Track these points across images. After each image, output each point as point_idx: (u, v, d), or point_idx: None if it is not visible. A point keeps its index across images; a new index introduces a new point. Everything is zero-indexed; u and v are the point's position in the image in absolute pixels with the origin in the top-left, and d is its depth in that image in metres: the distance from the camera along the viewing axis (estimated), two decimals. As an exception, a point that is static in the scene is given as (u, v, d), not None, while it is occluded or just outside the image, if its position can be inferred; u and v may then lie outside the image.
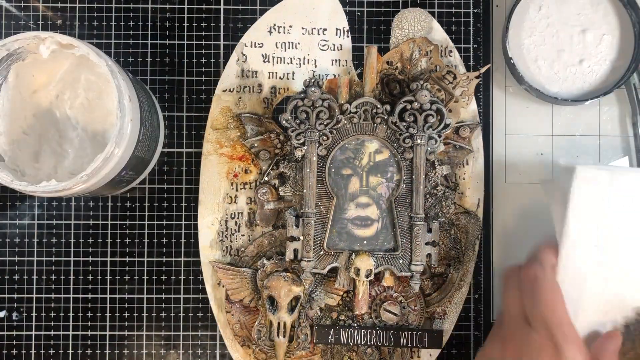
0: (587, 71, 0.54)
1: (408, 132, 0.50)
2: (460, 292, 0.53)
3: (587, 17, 0.54)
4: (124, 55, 0.55)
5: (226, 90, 0.53)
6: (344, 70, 0.54)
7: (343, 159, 0.51)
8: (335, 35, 0.54)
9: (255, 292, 0.52)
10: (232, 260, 0.53)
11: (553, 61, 0.54)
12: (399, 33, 0.54)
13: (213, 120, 0.53)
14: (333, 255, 0.51)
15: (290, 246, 0.51)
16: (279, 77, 0.54)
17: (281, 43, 0.54)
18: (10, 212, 0.55)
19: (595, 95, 0.53)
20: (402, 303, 0.52)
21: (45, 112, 0.48)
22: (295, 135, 0.50)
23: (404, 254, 0.51)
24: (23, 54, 0.46)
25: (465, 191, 0.54)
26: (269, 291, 0.51)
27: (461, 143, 0.53)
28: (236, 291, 0.52)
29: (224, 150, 0.53)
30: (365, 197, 0.51)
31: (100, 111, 0.48)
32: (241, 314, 0.53)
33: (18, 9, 0.55)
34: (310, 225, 0.50)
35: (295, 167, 0.52)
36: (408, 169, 0.51)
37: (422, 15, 0.54)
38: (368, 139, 0.51)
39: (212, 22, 0.55)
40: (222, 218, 0.53)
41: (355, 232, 0.51)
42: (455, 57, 0.54)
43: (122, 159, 0.45)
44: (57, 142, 0.49)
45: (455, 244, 0.53)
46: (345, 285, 0.51)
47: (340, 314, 0.53)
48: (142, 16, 0.55)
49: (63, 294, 0.55)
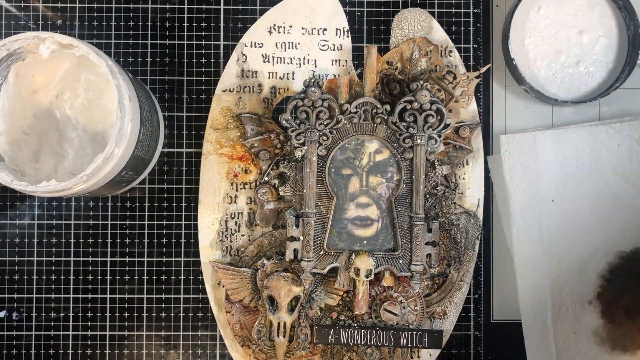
0: (583, 72, 0.55)
1: (408, 132, 0.50)
2: (460, 292, 0.53)
3: (584, 19, 0.54)
4: (124, 55, 0.55)
5: (226, 90, 0.53)
6: (344, 70, 0.54)
7: (343, 158, 0.51)
8: (335, 35, 0.54)
9: (255, 292, 0.52)
10: (232, 260, 0.53)
11: (551, 62, 0.55)
12: (399, 33, 0.54)
13: (213, 120, 0.53)
14: (333, 255, 0.51)
15: (290, 246, 0.51)
16: (279, 77, 0.54)
17: (281, 43, 0.54)
18: (10, 212, 0.55)
19: (592, 97, 0.54)
20: (402, 303, 0.52)
21: (45, 112, 0.48)
22: (295, 135, 0.50)
23: (404, 254, 0.51)
24: (23, 54, 0.46)
25: (465, 191, 0.54)
26: (269, 291, 0.51)
27: (461, 143, 0.53)
28: (236, 291, 0.52)
29: (224, 150, 0.53)
30: (365, 197, 0.51)
31: (100, 111, 0.48)
32: (241, 314, 0.52)
33: (18, 9, 0.55)
34: (310, 226, 0.50)
35: (295, 167, 0.52)
36: (408, 169, 0.51)
37: (422, 15, 0.54)
38: (368, 139, 0.51)
39: (212, 22, 0.55)
40: (222, 218, 0.53)
41: (355, 232, 0.51)
42: (455, 57, 0.54)
43: (122, 159, 0.45)
44: (57, 142, 0.48)
45: (455, 244, 0.53)
46: (345, 285, 0.51)
47: (340, 314, 0.53)
48: (142, 16, 0.55)
49: (63, 294, 0.55)
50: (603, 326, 0.51)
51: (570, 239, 0.52)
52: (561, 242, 0.52)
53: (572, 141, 0.53)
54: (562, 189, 0.52)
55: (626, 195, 0.51)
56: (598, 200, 0.52)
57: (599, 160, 0.52)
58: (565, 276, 0.52)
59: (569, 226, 0.52)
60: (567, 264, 0.52)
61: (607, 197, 0.52)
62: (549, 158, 0.52)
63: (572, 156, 0.52)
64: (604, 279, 0.52)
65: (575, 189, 0.52)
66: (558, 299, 0.52)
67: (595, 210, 0.52)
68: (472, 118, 0.54)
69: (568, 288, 0.52)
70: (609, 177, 0.52)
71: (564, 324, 0.52)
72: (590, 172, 0.52)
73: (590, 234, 0.52)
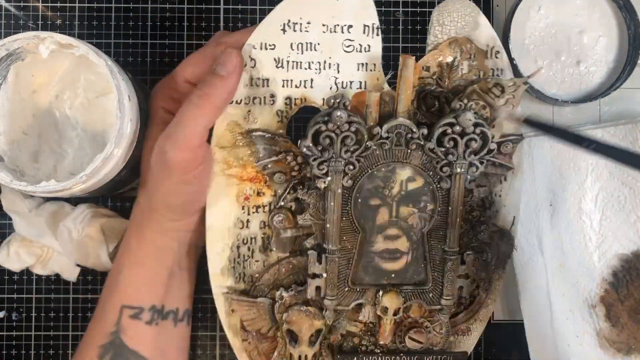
0: (584, 72, 0.55)
1: (447, 160, 0.44)
2: (487, 309, 0.51)
3: (584, 18, 0.54)
4: (123, 55, 0.55)
5: (232, 102, 0.45)
6: (372, 77, 0.45)
7: (371, 187, 0.45)
8: (363, 33, 0.44)
9: (273, 322, 0.49)
10: (246, 287, 0.49)
11: (552, 62, 0.54)
12: (438, 30, 0.45)
13: (219, 138, 0.46)
14: (359, 292, 0.47)
15: (312, 283, 0.46)
16: (294, 85, 0.45)
17: (297, 44, 0.44)
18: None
19: (593, 97, 0.54)
20: (428, 328, 0.50)
21: (45, 112, 0.48)
22: (317, 164, 0.43)
23: (435, 287, 0.47)
24: (22, 54, 0.45)
25: (500, 209, 0.49)
26: (288, 326, 0.48)
27: (502, 160, 0.47)
28: (253, 322, 0.48)
29: (233, 171, 0.46)
30: (395, 228, 0.46)
31: (99, 111, 0.48)
32: (258, 341, 0.50)
33: (18, 8, 0.54)
34: (334, 263, 0.46)
35: (315, 194, 0.45)
36: (444, 199, 0.45)
37: (467, 8, 0.45)
38: (400, 165, 0.45)
39: (212, 22, 0.53)
40: (234, 244, 0.48)
41: (383, 266, 0.47)
42: (502, 59, 0.46)
43: (121, 159, 0.44)
44: (56, 142, 0.48)
45: (486, 265, 0.49)
46: (370, 318, 0.48)
47: (363, 339, 0.50)
48: (141, 16, 0.55)
49: (63, 294, 0.55)
50: (607, 329, 0.52)
51: (569, 243, 0.52)
52: (561, 247, 0.52)
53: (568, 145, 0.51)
54: (559, 194, 0.52)
55: (624, 198, 0.51)
56: (596, 204, 0.52)
57: (596, 164, 0.51)
58: (566, 281, 0.52)
59: (568, 231, 0.52)
60: (568, 269, 0.52)
61: (606, 200, 0.52)
62: (545, 163, 0.52)
63: (569, 159, 0.52)
64: (607, 282, 0.52)
65: (572, 193, 0.52)
66: (560, 303, 0.52)
67: (593, 214, 0.52)
68: (515, 130, 0.47)
69: (570, 292, 0.52)
70: (607, 181, 0.51)
71: (568, 328, 0.52)
72: (587, 176, 0.51)
73: (590, 237, 0.52)
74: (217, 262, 0.48)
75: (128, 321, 0.46)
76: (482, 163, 0.45)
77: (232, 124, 0.45)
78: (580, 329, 0.52)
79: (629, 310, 0.52)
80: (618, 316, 0.52)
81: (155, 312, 0.47)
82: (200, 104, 0.42)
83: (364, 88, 0.45)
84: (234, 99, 0.45)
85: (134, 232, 0.47)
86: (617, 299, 0.51)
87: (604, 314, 0.52)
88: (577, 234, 0.51)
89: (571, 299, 0.52)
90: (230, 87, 0.43)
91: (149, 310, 0.47)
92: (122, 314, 0.46)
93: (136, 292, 0.47)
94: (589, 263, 0.51)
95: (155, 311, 0.47)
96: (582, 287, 0.52)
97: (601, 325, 0.52)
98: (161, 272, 0.47)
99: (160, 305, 0.47)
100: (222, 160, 0.46)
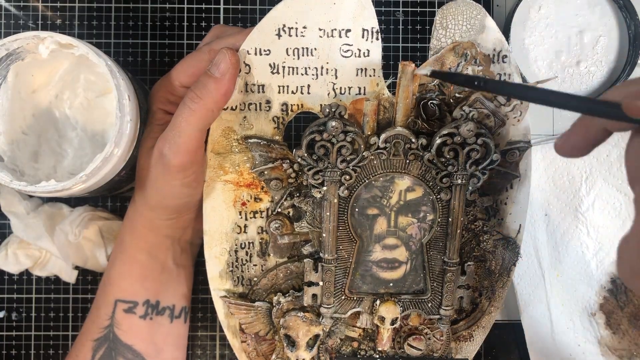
0: (584, 72, 0.54)
1: (447, 170, 0.42)
2: (490, 316, 0.50)
3: (585, 18, 0.54)
4: (123, 55, 0.54)
5: (227, 108, 0.44)
6: (371, 82, 0.44)
7: (369, 197, 0.44)
8: (362, 37, 0.43)
9: (271, 325, 0.49)
10: (245, 291, 0.49)
11: (552, 62, 0.54)
12: (442, 34, 0.43)
13: (214, 144, 0.45)
14: (356, 301, 0.46)
15: (309, 291, 0.46)
16: (291, 91, 0.44)
17: (293, 49, 0.43)
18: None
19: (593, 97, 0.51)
20: (427, 334, 0.49)
21: (45, 112, 0.48)
22: (312, 174, 0.42)
23: (434, 297, 0.46)
24: (22, 54, 0.45)
25: (505, 217, 0.47)
26: (286, 330, 0.48)
27: (507, 169, 0.45)
28: (251, 325, 0.49)
29: (229, 177, 0.46)
30: (393, 238, 0.45)
31: (99, 111, 0.48)
32: (257, 342, 0.50)
33: (18, 8, 0.54)
34: (330, 272, 0.45)
35: (312, 202, 0.45)
36: (444, 209, 0.44)
37: (473, 11, 0.42)
38: (399, 175, 0.43)
39: (212, 22, 0.53)
40: (232, 248, 0.48)
41: (381, 275, 0.46)
42: (510, 63, 0.43)
43: (121, 159, 0.44)
44: (56, 142, 0.48)
45: (489, 274, 0.48)
46: (368, 325, 0.48)
47: (361, 343, 0.50)
48: (141, 16, 0.54)
49: (63, 294, 0.55)
50: (608, 337, 0.52)
51: (566, 252, 0.52)
52: (558, 257, 0.52)
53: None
54: (554, 203, 0.52)
55: (620, 205, 0.51)
56: (592, 212, 0.52)
57: (590, 171, 0.51)
58: (565, 290, 0.53)
59: (564, 240, 0.52)
60: (566, 278, 0.52)
61: (601, 208, 0.52)
62: (539, 172, 0.52)
63: (562, 168, 0.52)
64: (605, 290, 0.52)
65: (567, 202, 0.52)
66: (560, 313, 0.52)
67: (589, 221, 0.52)
68: (523, 137, 0.45)
69: (569, 301, 0.53)
70: (601, 188, 0.52)
71: (569, 337, 0.52)
72: (581, 184, 0.52)
73: (587, 245, 0.52)
74: (215, 265, 0.48)
75: (122, 315, 0.47)
76: (485, 174, 0.43)
77: (227, 129, 0.44)
78: (582, 337, 0.52)
79: (629, 317, 0.52)
80: (618, 323, 0.52)
81: (150, 306, 0.47)
82: (194, 108, 0.41)
83: (363, 94, 0.44)
84: (228, 105, 0.44)
85: (128, 228, 0.47)
86: (616, 306, 0.51)
87: (604, 321, 0.52)
88: (574, 243, 0.51)
89: (571, 308, 0.52)
90: (224, 89, 0.42)
91: (142, 305, 0.47)
92: (116, 308, 0.46)
93: (130, 287, 0.47)
94: (586, 271, 0.51)
95: (150, 306, 0.47)
96: (581, 296, 0.52)
97: (602, 333, 0.52)
98: (155, 267, 0.47)
99: (154, 301, 0.48)
100: (218, 166, 0.45)
